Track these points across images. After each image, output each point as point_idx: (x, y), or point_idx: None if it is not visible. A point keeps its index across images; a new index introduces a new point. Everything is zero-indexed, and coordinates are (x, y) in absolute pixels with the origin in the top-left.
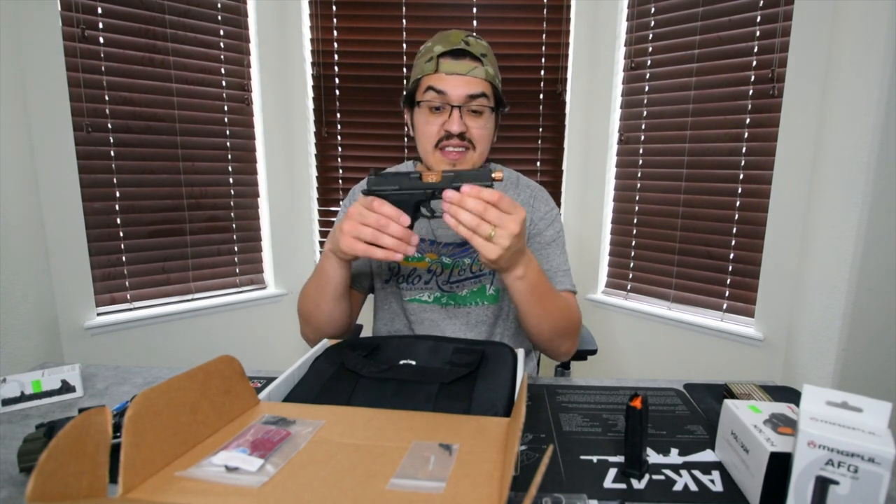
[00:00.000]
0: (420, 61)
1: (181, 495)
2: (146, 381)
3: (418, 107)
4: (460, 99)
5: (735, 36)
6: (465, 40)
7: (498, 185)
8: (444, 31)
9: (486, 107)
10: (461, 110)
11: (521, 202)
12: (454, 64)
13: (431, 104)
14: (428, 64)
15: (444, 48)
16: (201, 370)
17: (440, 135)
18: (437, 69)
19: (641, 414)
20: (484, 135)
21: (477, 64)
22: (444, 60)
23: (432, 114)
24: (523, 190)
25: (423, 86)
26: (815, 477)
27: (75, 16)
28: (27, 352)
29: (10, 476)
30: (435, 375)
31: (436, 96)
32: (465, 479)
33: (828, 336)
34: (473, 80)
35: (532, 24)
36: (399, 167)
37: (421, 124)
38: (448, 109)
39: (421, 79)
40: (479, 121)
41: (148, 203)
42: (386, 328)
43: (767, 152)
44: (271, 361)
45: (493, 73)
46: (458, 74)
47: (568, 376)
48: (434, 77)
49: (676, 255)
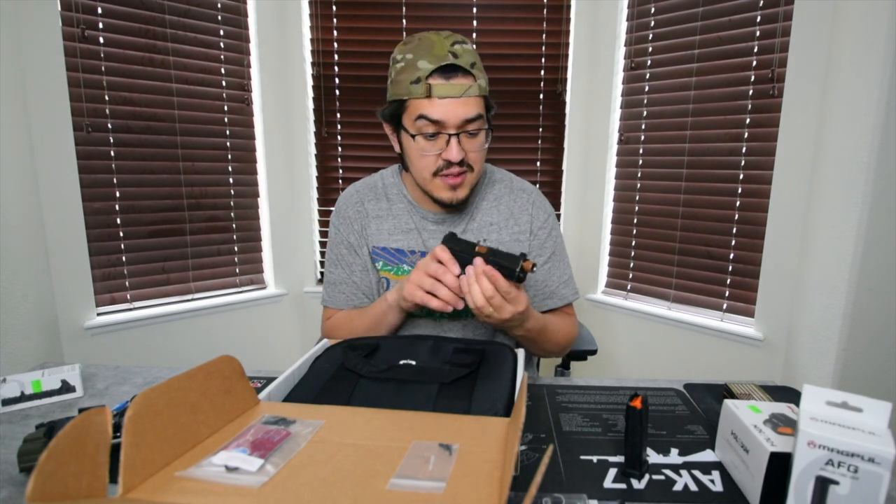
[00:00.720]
0: (403, 78)
1: (181, 495)
2: (146, 381)
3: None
4: (457, 125)
5: (735, 36)
6: (452, 51)
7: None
8: (422, 37)
9: (484, 128)
10: (458, 136)
11: (519, 208)
12: (446, 87)
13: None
14: (415, 86)
15: (432, 64)
16: (201, 370)
17: (439, 164)
18: (428, 94)
19: (641, 414)
20: (481, 156)
21: (469, 80)
22: (434, 83)
23: (426, 142)
24: (519, 195)
25: (412, 111)
26: (815, 477)
27: (75, 16)
28: (27, 352)
29: (10, 476)
30: (435, 375)
31: (429, 125)
32: (465, 479)
33: (828, 336)
34: (468, 102)
35: (532, 24)
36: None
37: (415, 153)
38: (444, 137)
39: (407, 101)
40: (475, 142)
41: (148, 203)
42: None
43: (767, 152)
44: (271, 361)
45: (485, 85)
46: (452, 98)
47: (568, 376)
48: (426, 103)
49: (676, 255)
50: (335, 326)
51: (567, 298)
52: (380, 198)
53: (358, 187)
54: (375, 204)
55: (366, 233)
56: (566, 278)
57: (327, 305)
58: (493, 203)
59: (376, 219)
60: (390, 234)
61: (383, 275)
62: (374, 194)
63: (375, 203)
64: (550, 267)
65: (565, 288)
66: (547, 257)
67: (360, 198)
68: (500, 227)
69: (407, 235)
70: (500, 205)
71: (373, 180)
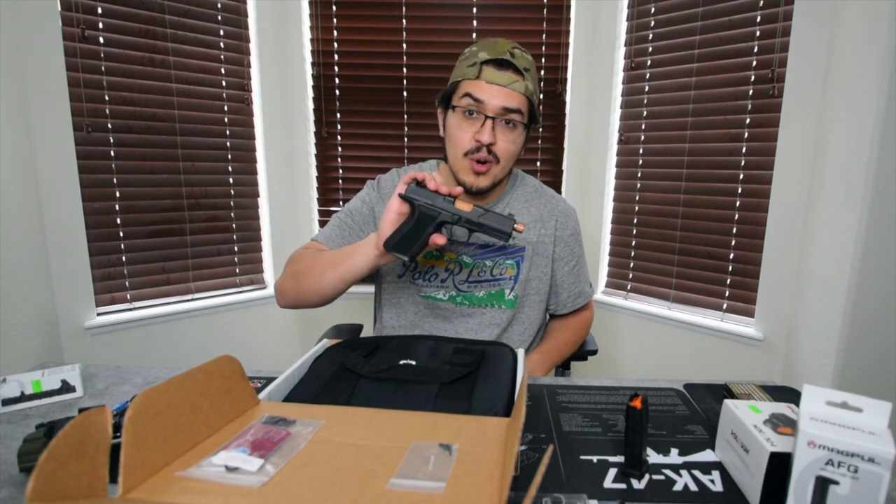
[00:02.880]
0: (462, 64)
1: (181, 495)
2: (146, 381)
3: (453, 110)
4: (496, 110)
5: (735, 36)
6: (511, 51)
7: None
8: (491, 38)
9: (521, 122)
10: (494, 121)
11: (548, 213)
12: (496, 74)
13: (466, 109)
14: (470, 69)
15: (489, 56)
16: (201, 370)
17: (472, 144)
18: (478, 76)
19: (641, 414)
20: (511, 150)
21: (518, 77)
22: (486, 68)
23: (465, 119)
24: (548, 201)
25: (461, 90)
26: (815, 477)
27: (75, 16)
28: (27, 352)
29: (10, 476)
30: (435, 375)
31: (472, 103)
32: (465, 479)
33: (828, 336)
34: (512, 94)
35: (532, 24)
36: (423, 165)
37: (453, 129)
38: (481, 118)
39: (460, 82)
40: (510, 135)
41: (148, 203)
42: (393, 322)
43: (767, 152)
44: (271, 361)
45: (533, 90)
46: (498, 85)
47: (568, 376)
48: (474, 84)
49: (676, 255)
50: (301, 254)
51: (590, 295)
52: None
53: (399, 170)
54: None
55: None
56: (588, 277)
57: (318, 239)
58: (523, 203)
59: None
60: None
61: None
62: None
63: None
64: (579, 270)
65: (588, 287)
66: (575, 262)
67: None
68: (529, 227)
69: None
70: (530, 206)
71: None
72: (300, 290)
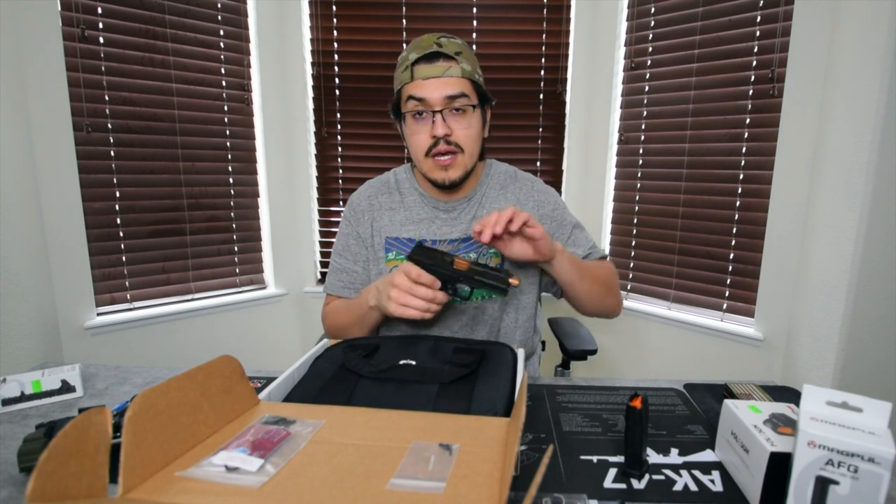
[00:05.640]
0: (398, 71)
1: (181, 495)
2: (146, 381)
3: (403, 119)
4: (439, 102)
5: (735, 36)
6: (438, 42)
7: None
8: (418, 38)
9: (468, 105)
10: (443, 113)
11: (524, 195)
12: (428, 68)
13: (413, 112)
14: (404, 73)
15: (418, 54)
16: (201, 370)
17: (429, 142)
18: (412, 77)
19: (641, 414)
20: (470, 135)
21: (451, 63)
22: (418, 67)
23: (416, 122)
24: (523, 183)
25: (403, 96)
26: (815, 477)
27: (75, 16)
28: (27, 352)
29: (10, 476)
30: (435, 375)
31: (416, 104)
32: (465, 479)
33: (828, 336)
34: (450, 81)
35: (532, 24)
36: (397, 171)
37: (409, 135)
38: (430, 115)
39: (401, 88)
40: (462, 121)
41: (148, 203)
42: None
43: (767, 152)
44: (271, 361)
45: (471, 69)
46: (433, 77)
47: (568, 376)
48: (412, 85)
49: (676, 255)
50: (329, 313)
51: (600, 253)
52: (392, 192)
53: (371, 184)
54: (388, 197)
55: (378, 224)
56: (592, 242)
57: (327, 292)
58: (499, 191)
59: (389, 210)
60: (402, 224)
61: (396, 264)
62: (386, 188)
63: (388, 196)
64: (576, 238)
65: (595, 250)
66: (569, 233)
67: (373, 192)
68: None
69: (418, 225)
70: (506, 192)
71: (385, 177)
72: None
